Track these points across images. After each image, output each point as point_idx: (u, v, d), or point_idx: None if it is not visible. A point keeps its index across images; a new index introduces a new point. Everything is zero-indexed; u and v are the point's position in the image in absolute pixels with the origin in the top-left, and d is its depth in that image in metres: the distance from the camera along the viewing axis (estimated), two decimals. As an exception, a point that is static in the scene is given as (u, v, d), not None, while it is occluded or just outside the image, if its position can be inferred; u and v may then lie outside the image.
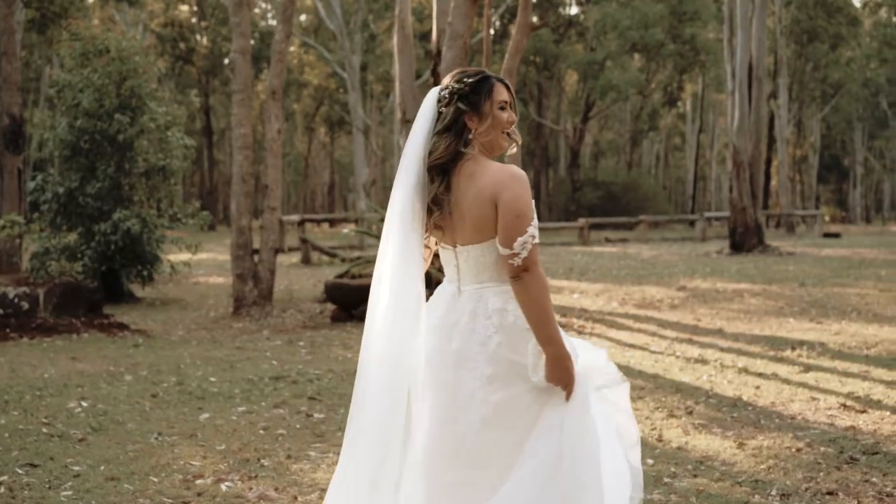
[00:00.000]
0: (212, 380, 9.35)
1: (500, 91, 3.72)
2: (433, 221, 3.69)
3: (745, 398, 8.33)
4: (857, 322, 12.84)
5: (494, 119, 3.69)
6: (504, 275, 3.62)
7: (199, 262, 23.58)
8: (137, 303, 17.28)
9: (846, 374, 9.27)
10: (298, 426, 7.45)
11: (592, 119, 56.96)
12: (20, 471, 6.12)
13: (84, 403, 8.13)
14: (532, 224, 3.54)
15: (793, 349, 10.78)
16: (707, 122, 64.75)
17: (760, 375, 9.36)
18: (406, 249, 3.64)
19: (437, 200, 3.63)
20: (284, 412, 7.93)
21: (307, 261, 26.08)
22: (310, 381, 9.25)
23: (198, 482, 5.95)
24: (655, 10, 47.62)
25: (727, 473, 6.08)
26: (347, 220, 42.22)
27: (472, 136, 3.66)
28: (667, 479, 5.90)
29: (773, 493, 5.64)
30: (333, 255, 25.89)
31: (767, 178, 52.19)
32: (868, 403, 7.96)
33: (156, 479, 6.00)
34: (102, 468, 6.22)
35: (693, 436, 7.04)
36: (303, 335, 12.79)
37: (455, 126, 3.63)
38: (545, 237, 30.71)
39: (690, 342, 11.62)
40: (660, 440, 6.90)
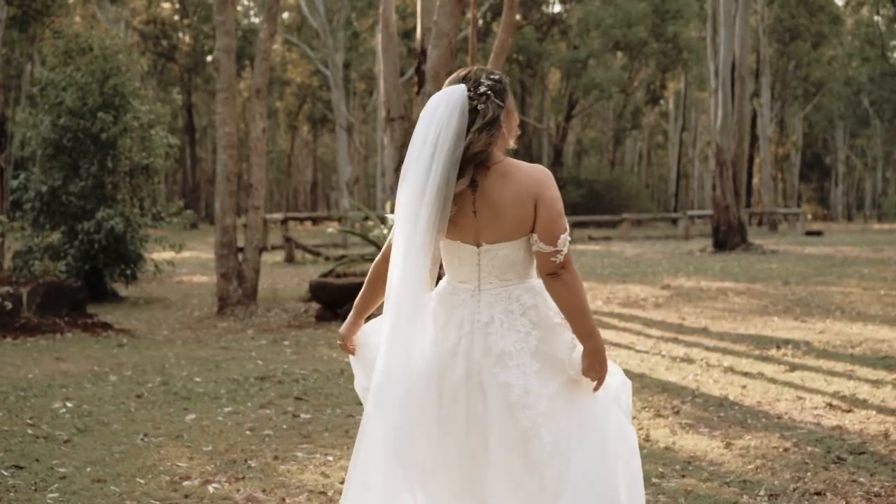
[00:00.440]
0: (197, 380, 9.31)
1: None
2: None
3: (732, 397, 8.34)
4: (841, 321, 12.88)
5: (514, 117, 3.73)
6: (526, 273, 3.65)
7: (183, 261, 23.51)
8: (121, 302, 17.20)
9: (831, 373, 9.29)
10: (285, 427, 7.42)
11: (575, 117, 57.05)
12: (5, 473, 6.07)
13: (69, 404, 8.09)
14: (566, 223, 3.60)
15: (778, 348, 10.80)
16: (689, 121, 64.96)
17: (746, 374, 9.38)
18: (425, 252, 3.55)
19: (458, 198, 3.59)
20: (271, 412, 7.90)
21: (291, 259, 26.08)
22: (296, 381, 9.22)
23: (185, 484, 5.92)
24: (638, 9, 47.70)
25: (715, 473, 6.09)
26: (331, 219, 42.28)
27: (504, 133, 3.66)
28: (655, 480, 5.90)
29: (762, 494, 5.65)
30: (317, 254, 25.90)
31: (750, 177, 52.36)
32: (854, 403, 7.98)
33: (142, 481, 5.97)
34: (89, 470, 6.18)
35: (680, 436, 7.04)
36: (288, 335, 12.76)
37: (495, 123, 3.59)
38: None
39: (676, 341, 11.64)
40: (647, 440, 6.90)
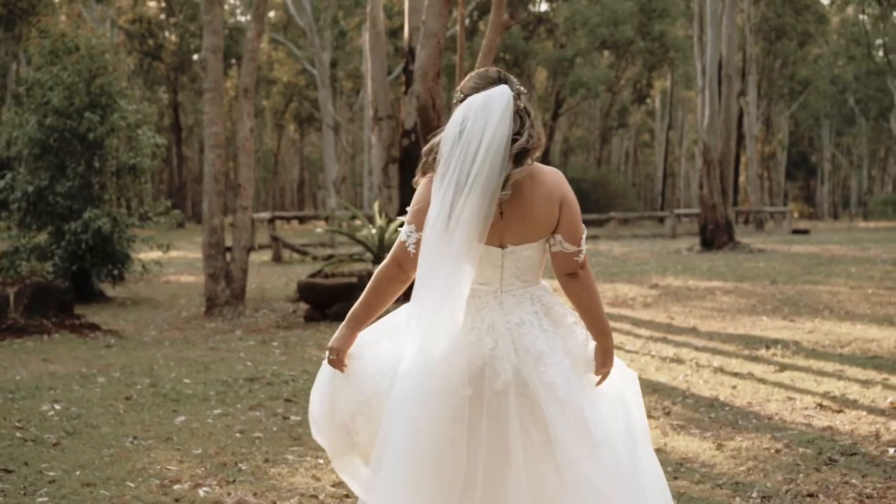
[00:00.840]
0: (186, 381, 9.26)
1: None
2: None
3: (722, 398, 8.34)
4: (830, 320, 12.90)
5: None
6: (540, 274, 3.70)
7: (170, 261, 23.43)
8: (108, 302, 17.12)
9: (821, 374, 9.30)
10: (275, 429, 7.38)
11: (562, 116, 57.06)
12: (-6, 477, 6.04)
13: (57, 406, 8.03)
14: None
15: (767, 348, 10.81)
16: (676, 119, 65.05)
17: (736, 375, 9.38)
18: (467, 254, 3.51)
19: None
20: (260, 415, 7.87)
21: (278, 259, 26.02)
22: (285, 383, 9.18)
23: (175, 487, 5.88)
24: (625, 7, 47.75)
25: (707, 475, 6.08)
26: (318, 218, 42.22)
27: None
28: (647, 482, 5.88)
29: (754, 496, 5.64)
30: (305, 253, 25.87)
31: (736, 175, 52.46)
32: (844, 403, 7.99)
33: (132, 485, 5.93)
34: (78, 473, 6.14)
35: (672, 437, 7.04)
36: (276, 335, 12.71)
37: (534, 123, 3.59)
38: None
39: (665, 341, 11.64)
40: (639, 441, 6.89)
